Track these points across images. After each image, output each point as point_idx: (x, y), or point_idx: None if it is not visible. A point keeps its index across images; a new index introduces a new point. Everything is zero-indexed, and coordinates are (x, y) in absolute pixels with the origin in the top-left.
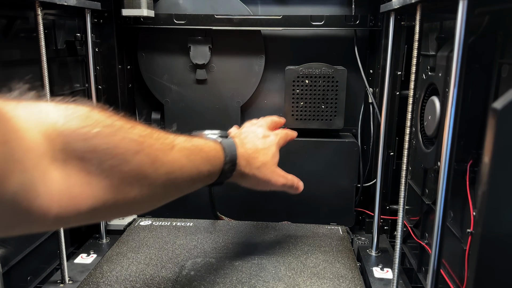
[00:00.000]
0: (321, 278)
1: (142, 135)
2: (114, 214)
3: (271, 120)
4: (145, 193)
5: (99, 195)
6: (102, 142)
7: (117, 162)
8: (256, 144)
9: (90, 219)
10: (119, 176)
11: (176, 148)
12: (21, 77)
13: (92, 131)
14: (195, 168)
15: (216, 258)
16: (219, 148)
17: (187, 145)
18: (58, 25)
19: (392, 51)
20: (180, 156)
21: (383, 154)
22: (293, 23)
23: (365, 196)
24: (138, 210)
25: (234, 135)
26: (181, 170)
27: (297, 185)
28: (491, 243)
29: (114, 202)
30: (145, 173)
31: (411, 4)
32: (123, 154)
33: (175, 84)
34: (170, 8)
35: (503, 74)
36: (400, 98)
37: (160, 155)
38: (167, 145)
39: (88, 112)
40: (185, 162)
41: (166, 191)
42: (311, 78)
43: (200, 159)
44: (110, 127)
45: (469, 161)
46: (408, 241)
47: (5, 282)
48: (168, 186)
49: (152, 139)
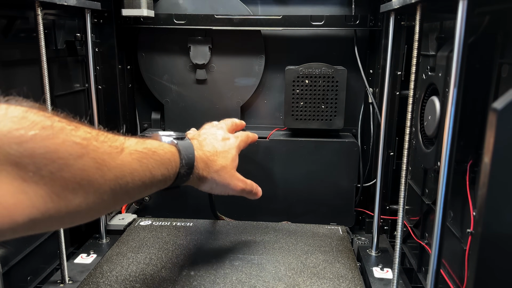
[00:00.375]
0: (321, 278)
1: (87, 137)
2: (57, 224)
3: (231, 122)
4: (91, 200)
5: (38, 204)
6: (40, 145)
7: (58, 168)
8: (215, 147)
9: (29, 230)
10: (61, 183)
11: (126, 151)
12: (21, 77)
13: (27, 134)
14: (148, 172)
15: (216, 258)
16: (174, 150)
17: (138, 148)
18: (58, 25)
19: (392, 51)
20: (131, 159)
21: (383, 154)
22: (293, 23)
23: (365, 196)
24: (84, 219)
25: (193, 137)
26: (132, 174)
27: (256, 191)
28: (491, 243)
29: (56, 211)
30: (90, 179)
31: (411, 4)
32: (64, 158)
33: (175, 84)
34: (170, 8)
35: (503, 74)
36: (400, 98)
37: (108, 158)
38: (115, 148)
39: (23, 113)
40: (137, 166)
41: (115, 197)
42: (311, 78)
43: (153, 163)
44: (49, 128)
45: (469, 161)
46: (408, 241)
47: (5, 282)
48: (117, 192)
49: (98, 142)
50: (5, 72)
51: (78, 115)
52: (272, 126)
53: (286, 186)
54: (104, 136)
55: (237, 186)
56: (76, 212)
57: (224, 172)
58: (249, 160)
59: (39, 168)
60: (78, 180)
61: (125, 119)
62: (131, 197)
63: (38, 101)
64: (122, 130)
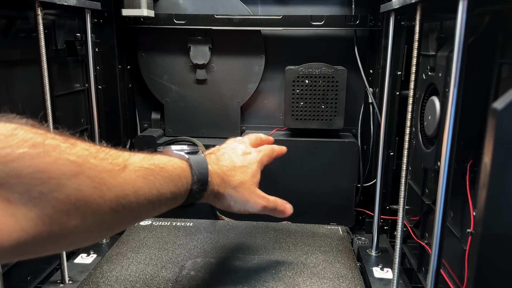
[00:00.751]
0: (321, 278)
1: (83, 155)
2: (51, 248)
3: (255, 137)
4: (89, 222)
5: (27, 227)
6: (28, 164)
7: (49, 188)
8: (234, 161)
9: (20, 255)
10: (53, 205)
11: (130, 168)
12: (21, 77)
13: (14, 152)
14: (154, 189)
15: (216, 258)
16: (185, 166)
17: (144, 164)
18: (58, 25)
19: (392, 51)
20: (135, 177)
21: (383, 154)
22: (293, 23)
23: (365, 196)
24: (83, 242)
25: (211, 151)
26: (136, 193)
27: (282, 208)
28: (491, 243)
29: (49, 235)
30: (87, 200)
31: (411, 4)
32: (56, 178)
33: (175, 84)
34: (170, 8)
35: (503, 74)
36: (400, 98)
37: (107, 177)
38: (117, 165)
39: (12, 130)
40: (141, 184)
41: (117, 218)
42: (311, 78)
43: (161, 179)
44: (40, 146)
45: (469, 161)
46: (408, 241)
47: (5, 282)
48: (120, 213)
49: (96, 159)
50: (5, 72)
51: (78, 115)
52: (272, 126)
53: (286, 186)
54: (104, 153)
55: (257, 204)
56: (73, 235)
57: (243, 188)
58: None
59: (27, 189)
60: (73, 201)
61: (125, 119)
62: (137, 217)
63: (38, 101)
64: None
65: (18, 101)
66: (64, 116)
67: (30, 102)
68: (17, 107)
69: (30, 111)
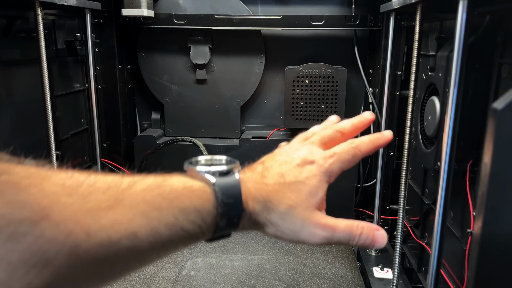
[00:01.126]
0: (321, 278)
1: (55, 191)
2: None
3: (333, 131)
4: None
5: None
6: None
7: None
8: (285, 177)
9: None
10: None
11: (125, 203)
12: (21, 77)
13: None
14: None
15: (216, 258)
16: (208, 194)
17: (147, 196)
18: (58, 25)
19: (392, 51)
20: (132, 215)
21: (383, 154)
22: (293, 23)
23: (365, 196)
24: None
25: (262, 161)
26: (134, 236)
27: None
28: (491, 243)
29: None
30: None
31: (411, 4)
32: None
33: (175, 84)
34: (170, 8)
35: (503, 74)
36: (400, 98)
37: (87, 219)
38: (104, 201)
39: None
40: (140, 224)
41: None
42: (311, 78)
43: (171, 215)
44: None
45: (469, 161)
46: (408, 241)
47: None
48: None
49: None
50: (5, 72)
51: (78, 115)
52: (272, 126)
53: None
54: (90, 186)
55: (314, 236)
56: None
57: (292, 215)
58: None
59: None
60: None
61: (125, 119)
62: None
63: (38, 101)
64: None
65: (18, 101)
66: (64, 116)
67: (30, 102)
68: (17, 107)
69: (30, 111)
